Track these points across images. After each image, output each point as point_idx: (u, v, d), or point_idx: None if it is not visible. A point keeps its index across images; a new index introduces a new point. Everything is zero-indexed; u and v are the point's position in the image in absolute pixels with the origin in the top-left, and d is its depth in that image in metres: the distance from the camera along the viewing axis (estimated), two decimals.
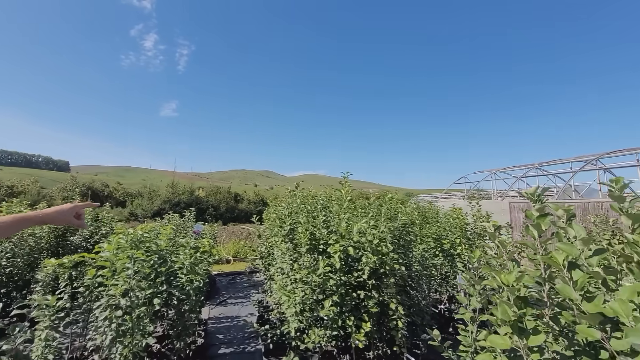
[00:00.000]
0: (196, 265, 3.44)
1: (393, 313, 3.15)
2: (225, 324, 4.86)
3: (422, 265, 3.84)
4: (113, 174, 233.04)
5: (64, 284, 3.40)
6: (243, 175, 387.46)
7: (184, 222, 7.46)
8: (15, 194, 30.33)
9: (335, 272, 3.20)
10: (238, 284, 7.23)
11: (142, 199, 34.25)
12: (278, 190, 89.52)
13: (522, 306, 1.22)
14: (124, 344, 2.52)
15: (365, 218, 3.77)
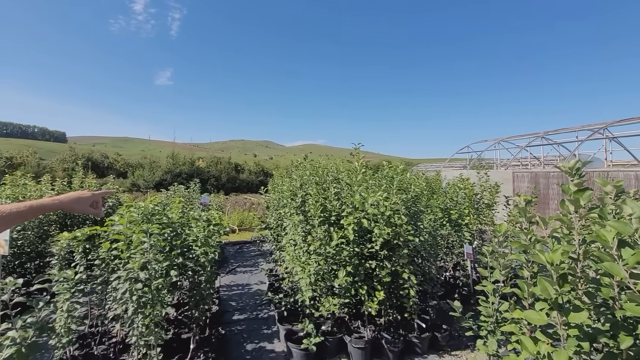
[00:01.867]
0: (209, 237, 3.46)
1: (404, 282, 3.23)
2: (237, 291, 5.00)
3: (432, 236, 3.87)
4: (111, 144, 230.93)
5: (79, 257, 3.44)
6: (242, 145, 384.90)
7: (190, 194, 7.46)
8: (14, 165, 30.19)
9: (348, 243, 3.23)
10: (245, 253, 7.38)
11: (143, 169, 34.17)
12: (278, 160, 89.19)
13: (562, 284, 1.20)
14: (145, 314, 2.58)
15: (377, 190, 3.75)
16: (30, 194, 5.22)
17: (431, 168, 19.49)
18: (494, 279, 2.06)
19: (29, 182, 5.67)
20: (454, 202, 4.89)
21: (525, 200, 1.69)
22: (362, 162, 4.14)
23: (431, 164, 22.84)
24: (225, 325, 3.82)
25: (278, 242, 4.79)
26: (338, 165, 4.77)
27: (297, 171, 4.49)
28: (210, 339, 3.31)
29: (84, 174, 7.03)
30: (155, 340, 2.55)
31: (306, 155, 5.13)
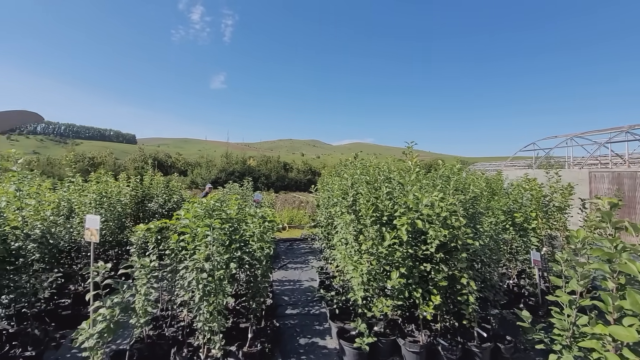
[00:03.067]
0: (264, 233, 3.62)
1: (463, 287, 3.06)
2: (289, 286, 5.17)
3: (493, 240, 3.61)
4: (173, 145, 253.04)
5: (152, 247, 3.82)
6: (290, 144, 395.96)
7: (243, 191, 7.88)
8: (96, 164, 34.53)
9: (401, 244, 3.15)
10: (296, 250, 7.59)
11: (201, 168, 36.92)
12: (325, 159, 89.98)
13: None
14: (209, 302, 2.79)
15: (432, 190, 3.60)
16: (110, 189, 5.91)
17: (490, 167, 18.11)
18: (570, 289, 1.86)
19: (109, 179, 6.43)
20: (519, 204, 4.50)
21: (610, 204, 1.50)
22: (416, 161, 4.01)
23: (489, 162, 21.21)
24: (279, 319, 3.97)
25: (328, 240, 4.84)
26: (389, 165, 4.67)
27: (347, 170, 4.49)
28: (266, 330, 3.46)
29: (153, 172, 7.80)
30: (218, 326, 2.73)
31: (356, 154, 5.11)
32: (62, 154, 36.49)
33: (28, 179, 3.84)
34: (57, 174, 22.00)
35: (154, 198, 6.98)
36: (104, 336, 2.37)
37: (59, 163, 32.76)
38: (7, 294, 2.95)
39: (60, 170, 26.91)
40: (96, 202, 5.21)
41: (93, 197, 5.22)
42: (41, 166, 30.74)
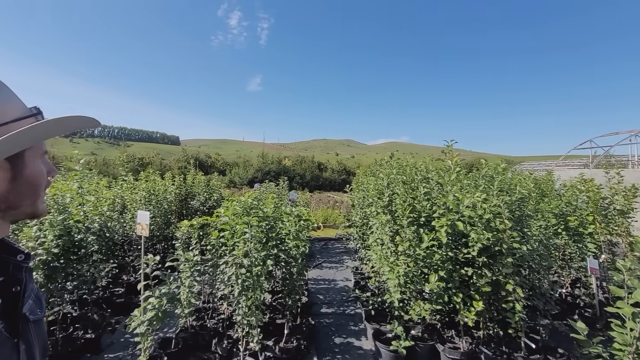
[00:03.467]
0: (300, 232, 3.67)
1: (508, 294, 2.88)
2: (323, 285, 5.19)
3: (543, 245, 3.36)
4: (212, 146, 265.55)
5: (195, 242, 4.03)
6: (324, 144, 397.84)
7: (279, 190, 8.05)
8: (144, 164, 37.19)
9: (440, 246, 3.03)
10: (330, 249, 7.61)
11: (239, 168, 38.38)
12: (360, 159, 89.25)
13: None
14: (247, 296, 2.88)
15: (474, 190, 3.43)
16: (158, 187, 6.33)
17: (539, 167, 16.81)
18: (634, 300, 1.68)
19: (157, 178, 6.88)
20: (572, 206, 4.14)
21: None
22: (456, 160, 3.84)
23: (538, 162, 19.67)
24: (314, 317, 4.01)
25: (364, 240, 4.79)
26: (427, 164, 4.52)
27: (383, 170, 4.42)
28: (302, 327, 3.51)
29: (195, 172, 8.24)
30: (256, 321, 2.82)
31: (392, 154, 5.01)
32: (116, 155, 39.72)
33: (88, 178, 4.23)
34: (111, 173, 23.97)
35: (196, 196, 7.37)
36: (153, 324, 2.55)
37: (113, 163, 35.72)
38: (71, 281, 3.27)
39: (114, 169, 29.32)
40: (145, 199, 5.61)
41: (143, 194, 5.63)
42: (98, 166, 33.74)
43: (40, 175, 0.68)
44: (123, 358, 3.19)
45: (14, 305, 0.68)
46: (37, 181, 0.68)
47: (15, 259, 0.70)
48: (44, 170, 0.70)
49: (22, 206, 0.66)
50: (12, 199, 0.63)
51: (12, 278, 0.68)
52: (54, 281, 3.02)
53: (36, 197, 0.68)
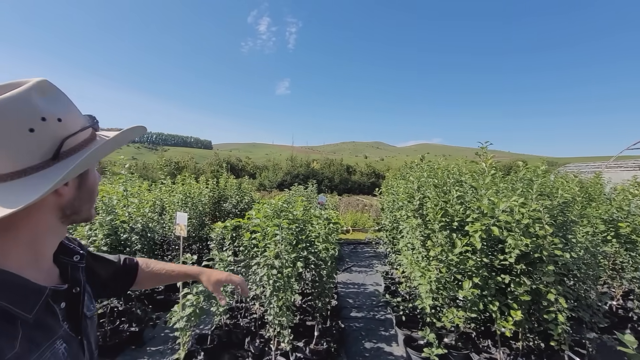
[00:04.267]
0: (329, 234, 3.70)
1: (550, 304, 2.71)
2: (353, 289, 5.18)
3: (590, 253, 3.14)
4: (243, 149, 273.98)
5: (228, 243, 4.19)
6: (353, 147, 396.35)
7: (308, 193, 8.15)
8: (180, 168, 39.09)
9: (475, 252, 2.93)
10: (360, 253, 7.57)
11: (268, 171, 39.26)
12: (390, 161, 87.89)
13: None
14: (279, 297, 2.96)
15: (511, 194, 3.28)
16: (193, 190, 6.64)
17: (586, 169, 15.60)
18: None
19: (192, 182, 7.23)
20: (624, 212, 3.83)
21: None
22: (491, 163, 3.69)
23: (586, 163, 18.25)
24: (344, 320, 4.01)
25: (394, 244, 4.73)
26: (460, 167, 4.37)
27: (413, 173, 4.34)
28: (332, 330, 3.53)
29: (227, 175, 8.55)
30: (287, 321, 2.88)
31: (423, 156, 4.91)
32: (154, 159, 42.10)
33: (131, 181, 4.55)
34: (150, 176, 25.48)
35: (228, 199, 7.64)
36: (191, 319, 2.69)
37: (152, 167, 37.91)
38: None
39: (153, 173, 31.13)
40: (182, 201, 5.91)
41: (180, 197, 5.94)
42: (139, 170, 35.95)
43: (97, 183, 0.74)
44: (163, 351, 3.38)
45: (76, 306, 0.72)
46: (95, 188, 0.73)
47: (72, 260, 0.74)
48: (98, 178, 0.75)
49: (82, 211, 0.70)
50: (76, 205, 0.67)
51: (72, 279, 0.72)
52: None
53: (92, 202, 0.73)
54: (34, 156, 0.56)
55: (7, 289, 0.56)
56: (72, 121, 0.63)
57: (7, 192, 0.54)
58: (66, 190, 0.63)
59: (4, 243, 0.58)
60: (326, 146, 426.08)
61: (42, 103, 0.57)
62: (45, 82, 0.59)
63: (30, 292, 0.59)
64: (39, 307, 0.59)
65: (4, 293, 0.55)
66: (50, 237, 0.66)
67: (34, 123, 0.55)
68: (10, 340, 0.53)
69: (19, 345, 0.54)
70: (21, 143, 0.54)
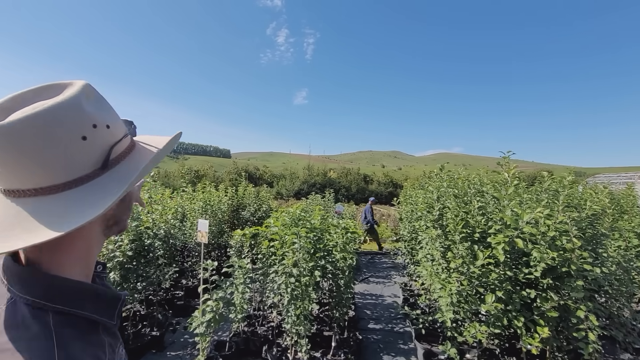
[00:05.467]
0: (347, 244, 3.69)
1: (579, 322, 2.58)
2: (371, 300, 5.11)
3: (622, 268, 2.98)
4: (260, 158, 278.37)
5: (247, 250, 4.25)
6: (370, 156, 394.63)
7: (325, 202, 8.16)
8: (200, 176, 40.04)
9: (497, 265, 2.85)
10: (377, 264, 7.46)
11: (285, 180, 39.61)
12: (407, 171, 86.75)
13: None
14: (296, 305, 2.96)
15: (535, 205, 3.17)
16: (213, 198, 6.79)
17: (617, 180, 14.83)
18: None
19: (212, 190, 7.40)
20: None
21: None
22: (514, 173, 3.59)
23: (616, 174, 17.37)
24: (362, 332, 3.95)
25: (412, 255, 4.65)
26: (481, 177, 4.28)
27: (432, 182, 4.29)
28: (349, 341, 3.48)
29: (246, 184, 8.71)
30: (304, 330, 2.87)
31: (442, 166, 4.83)
32: (176, 168, 43.33)
33: (155, 189, 4.71)
34: (172, 184, 26.25)
35: (247, 207, 7.75)
36: (211, 325, 2.73)
37: (173, 175, 39.03)
38: (141, 282, 3.64)
39: (174, 181, 32.04)
40: (202, 209, 6.06)
41: (200, 204, 6.09)
42: (161, 178, 37.10)
43: (136, 194, 0.73)
44: (183, 356, 3.44)
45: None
46: (134, 199, 0.73)
47: (96, 270, 0.73)
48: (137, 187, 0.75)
49: (122, 221, 0.69)
50: (117, 216, 0.66)
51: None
52: (128, 281, 3.38)
53: (130, 213, 0.72)
54: (86, 165, 0.54)
55: (91, 299, 0.56)
56: (118, 127, 0.61)
57: (66, 204, 0.52)
58: None
59: (63, 256, 0.57)
60: (343, 155, 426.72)
61: (91, 109, 0.55)
62: (89, 85, 0.57)
63: (107, 300, 0.60)
64: (117, 313, 0.61)
65: (88, 303, 0.55)
66: (96, 250, 0.65)
67: (87, 130, 0.53)
68: (102, 349, 0.55)
69: (107, 353, 0.55)
70: (74, 152, 0.52)
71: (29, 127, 0.48)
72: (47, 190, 0.51)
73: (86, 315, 0.55)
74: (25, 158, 0.49)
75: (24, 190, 0.51)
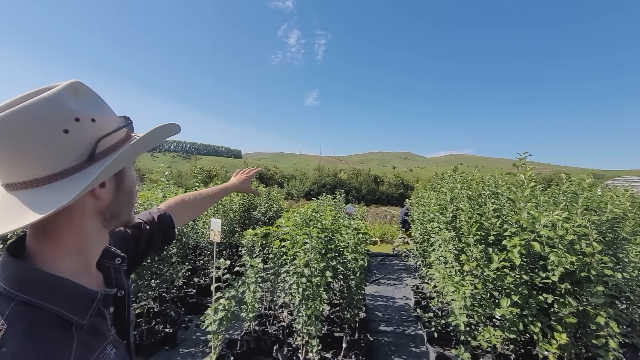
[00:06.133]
0: (358, 245, 3.68)
1: (599, 328, 2.51)
2: (382, 302, 5.07)
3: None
4: (271, 159, 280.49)
5: (258, 250, 4.28)
6: (380, 157, 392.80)
7: (336, 203, 8.14)
8: (211, 176, 40.55)
9: (513, 268, 2.79)
10: (388, 266, 7.41)
11: (295, 180, 39.79)
12: (419, 172, 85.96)
13: None
14: (307, 305, 2.96)
15: (553, 208, 3.10)
16: (224, 198, 6.85)
17: (638, 182, 14.37)
18: None
19: None
20: None
21: None
22: (531, 175, 3.51)
23: (637, 176, 16.84)
24: (373, 334, 3.93)
25: (424, 257, 4.60)
26: (496, 178, 4.20)
27: (445, 184, 4.23)
28: (360, 342, 3.47)
29: (257, 184, 8.77)
30: (315, 331, 2.87)
31: (456, 167, 4.77)
32: (188, 168, 44.00)
33: (168, 188, 4.80)
34: (184, 184, 26.66)
35: (257, 207, 7.80)
36: (223, 323, 2.76)
37: (186, 175, 39.69)
38: (154, 279, 3.71)
39: (186, 181, 32.56)
40: (214, 208, 6.12)
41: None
42: (174, 177, 37.77)
43: (135, 185, 0.72)
44: (195, 354, 3.48)
45: (122, 311, 0.73)
46: (133, 190, 0.71)
47: (113, 263, 0.74)
48: (136, 180, 0.74)
49: (122, 214, 0.69)
50: (115, 208, 0.66)
51: (116, 283, 0.73)
52: (142, 278, 3.45)
53: (131, 205, 0.71)
54: (70, 158, 0.55)
55: (61, 295, 0.56)
56: (107, 121, 0.61)
57: (44, 196, 0.53)
58: (104, 193, 0.62)
59: (50, 249, 0.58)
60: (353, 156, 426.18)
61: (74, 104, 0.56)
62: (77, 83, 0.58)
63: (83, 297, 0.59)
64: (91, 312, 0.60)
65: (58, 299, 0.55)
66: (94, 243, 0.65)
67: (68, 124, 0.54)
68: (67, 347, 0.54)
69: (75, 351, 0.54)
70: (56, 145, 0.53)
71: (6, 124, 0.50)
72: (34, 183, 0.53)
73: (54, 310, 0.54)
74: (6, 154, 0.52)
75: (16, 183, 0.53)
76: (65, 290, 0.57)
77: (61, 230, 0.58)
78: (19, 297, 0.52)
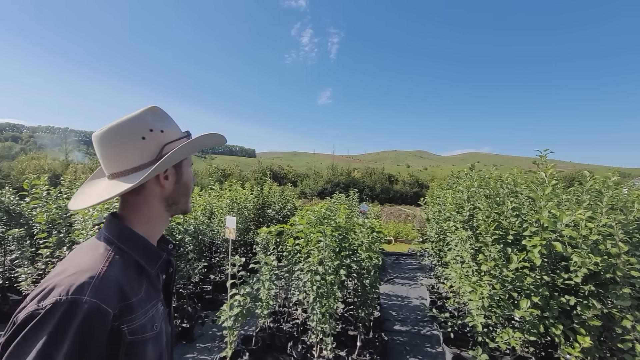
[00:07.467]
0: (372, 243, 3.65)
1: (625, 332, 2.40)
2: (396, 302, 5.03)
3: None
4: (284, 158, 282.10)
5: (272, 247, 4.31)
6: (395, 156, 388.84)
7: (350, 202, 8.12)
8: (226, 175, 41.10)
9: (533, 269, 2.71)
10: (403, 265, 7.33)
11: (309, 179, 39.84)
12: (434, 171, 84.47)
13: None
14: (322, 303, 2.97)
15: (576, 207, 2.99)
16: (239, 196, 6.95)
17: None
18: None
19: (239, 188, 7.57)
20: None
21: None
22: (552, 173, 3.40)
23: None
24: (387, 333, 3.90)
25: (440, 257, 4.52)
26: (515, 177, 4.08)
27: (462, 182, 4.15)
28: (374, 341, 3.45)
29: (271, 182, 8.84)
30: (330, 329, 2.88)
31: (473, 165, 4.66)
32: (204, 167, 44.74)
33: None
34: (200, 183, 27.15)
35: (272, 205, 7.87)
36: (238, 319, 2.80)
37: (201, 174, 40.36)
38: None
39: (202, 180, 33.15)
40: (229, 206, 6.21)
41: (227, 202, 6.25)
42: None
43: (191, 180, 0.92)
44: (211, 348, 3.55)
45: (169, 283, 0.94)
46: (190, 184, 0.91)
47: (167, 247, 0.94)
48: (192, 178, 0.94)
49: (180, 203, 0.89)
50: (175, 196, 0.87)
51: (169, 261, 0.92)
52: None
53: (188, 196, 0.92)
54: (145, 157, 0.79)
55: (141, 248, 0.79)
56: (172, 132, 0.84)
57: (129, 180, 0.76)
58: (167, 183, 0.83)
59: (133, 217, 0.81)
60: (367, 155, 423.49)
61: (151, 119, 0.80)
62: (155, 107, 0.84)
63: (153, 253, 0.82)
64: (157, 266, 0.82)
65: (138, 250, 0.78)
66: (159, 221, 0.87)
67: (145, 133, 0.79)
68: (139, 286, 0.76)
69: (144, 292, 0.76)
70: (137, 147, 0.78)
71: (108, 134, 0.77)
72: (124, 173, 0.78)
73: (135, 257, 0.77)
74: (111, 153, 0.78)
75: (114, 173, 0.79)
76: (143, 244, 0.80)
77: (140, 205, 0.82)
78: (117, 244, 0.76)
